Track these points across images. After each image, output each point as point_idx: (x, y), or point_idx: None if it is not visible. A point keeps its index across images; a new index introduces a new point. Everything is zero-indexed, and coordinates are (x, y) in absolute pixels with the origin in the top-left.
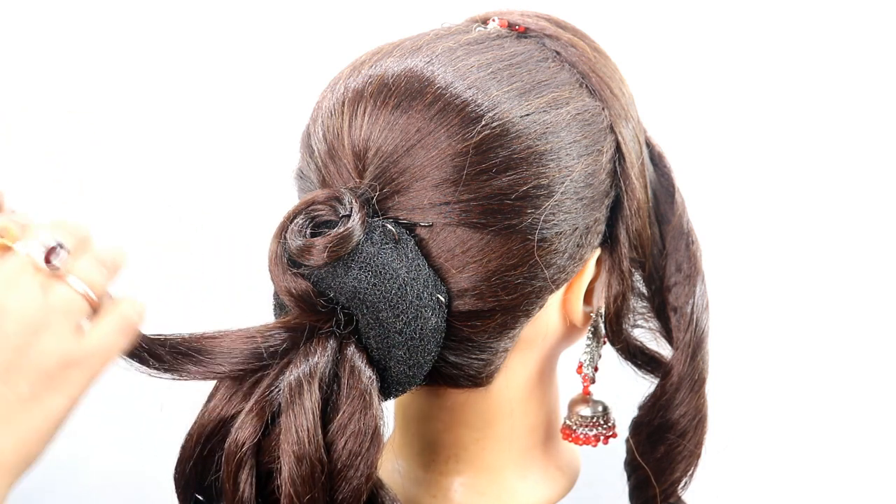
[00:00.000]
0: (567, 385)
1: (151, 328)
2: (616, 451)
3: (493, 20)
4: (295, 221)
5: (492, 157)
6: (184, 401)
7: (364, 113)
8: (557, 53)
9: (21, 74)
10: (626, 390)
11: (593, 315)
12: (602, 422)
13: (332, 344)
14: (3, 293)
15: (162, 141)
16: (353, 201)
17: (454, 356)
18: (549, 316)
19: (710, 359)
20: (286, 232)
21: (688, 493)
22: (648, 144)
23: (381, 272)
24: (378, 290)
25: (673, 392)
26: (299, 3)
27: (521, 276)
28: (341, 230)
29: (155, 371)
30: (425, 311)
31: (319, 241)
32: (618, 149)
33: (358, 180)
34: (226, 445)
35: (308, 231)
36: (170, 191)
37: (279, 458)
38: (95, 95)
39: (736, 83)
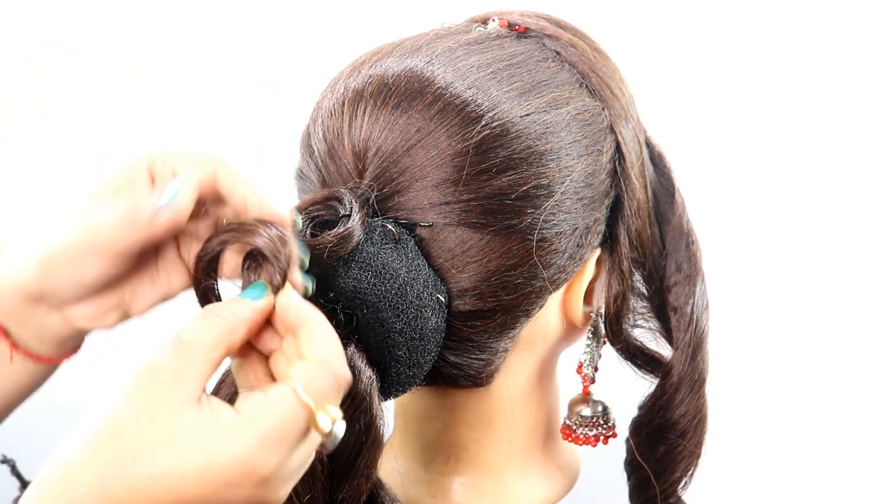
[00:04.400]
0: (567, 385)
1: (153, 325)
2: (616, 450)
3: (493, 20)
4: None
5: (492, 157)
6: None
7: (364, 113)
8: (557, 53)
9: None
10: (626, 390)
11: (593, 315)
12: (602, 422)
13: None
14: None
15: (161, 141)
16: (353, 201)
17: (454, 356)
18: (548, 316)
19: (710, 359)
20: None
21: (688, 493)
22: (648, 144)
23: (381, 272)
24: (378, 290)
25: (673, 392)
26: (299, 3)
27: (521, 276)
28: (341, 230)
29: None
30: (425, 311)
31: (320, 241)
32: (618, 149)
33: (358, 180)
34: None
35: (308, 231)
36: None
37: None
38: (94, 95)
39: (736, 83)
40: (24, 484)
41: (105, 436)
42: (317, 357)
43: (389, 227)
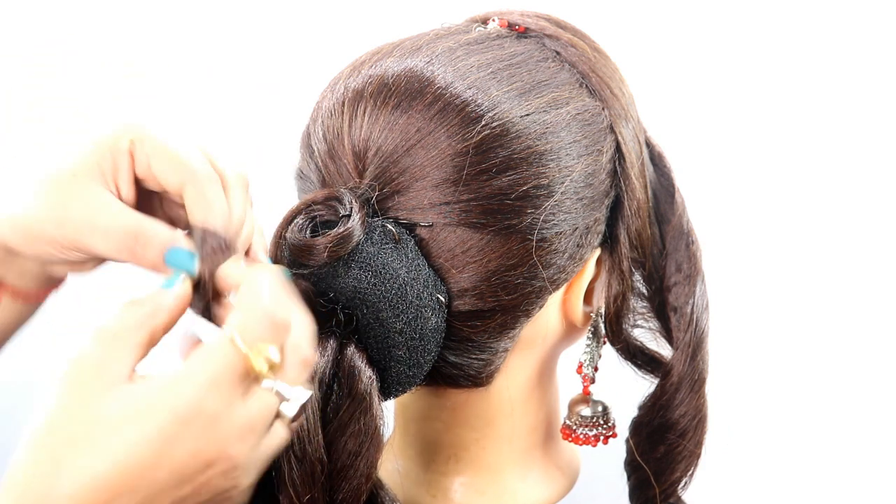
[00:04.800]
0: (567, 385)
1: None
2: (616, 450)
3: (493, 20)
4: (295, 221)
5: (492, 156)
6: None
7: (364, 113)
8: (557, 53)
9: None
10: (626, 390)
11: (593, 315)
12: (602, 422)
13: (332, 344)
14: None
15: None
16: (353, 201)
17: (454, 356)
18: (548, 316)
19: (710, 359)
20: (286, 232)
21: (688, 493)
22: (648, 144)
23: (381, 272)
24: (378, 290)
25: (673, 392)
26: (299, 4)
27: (521, 276)
28: (341, 230)
29: None
30: (425, 311)
31: (320, 241)
32: (618, 149)
33: (358, 180)
34: None
35: (308, 231)
36: None
37: (279, 457)
38: (94, 95)
39: (736, 83)
40: None
41: (39, 434)
42: (247, 302)
43: (389, 227)
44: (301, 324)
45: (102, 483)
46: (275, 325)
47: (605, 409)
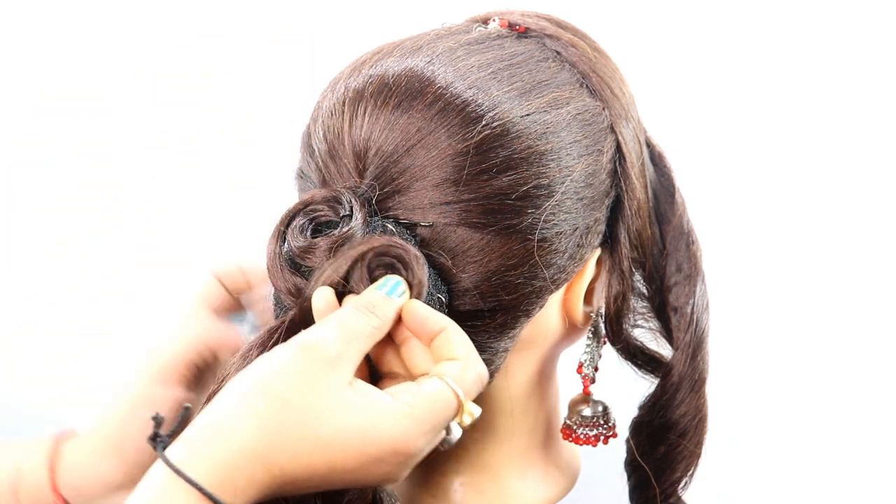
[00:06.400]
0: (567, 385)
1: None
2: (616, 450)
3: (494, 20)
4: (295, 221)
5: (492, 156)
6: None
7: (364, 113)
8: (558, 53)
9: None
10: (626, 390)
11: (593, 315)
12: (602, 422)
13: None
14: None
15: (161, 140)
16: (353, 201)
17: None
18: (549, 316)
19: (710, 359)
20: (286, 231)
21: (688, 493)
22: (648, 144)
23: None
24: None
25: (673, 392)
26: (300, 4)
27: (522, 275)
28: (344, 230)
29: None
30: None
31: (322, 242)
32: (618, 149)
33: (358, 180)
34: None
35: (309, 231)
36: (169, 191)
37: None
38: (92, 96)
39: (736, 83)
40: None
41: (270, 405)
42: (463, 357)
43: (390, 227)
44: (473, 347)
45: (312, 472)
46: (483, 381)
47: (605, 409)
